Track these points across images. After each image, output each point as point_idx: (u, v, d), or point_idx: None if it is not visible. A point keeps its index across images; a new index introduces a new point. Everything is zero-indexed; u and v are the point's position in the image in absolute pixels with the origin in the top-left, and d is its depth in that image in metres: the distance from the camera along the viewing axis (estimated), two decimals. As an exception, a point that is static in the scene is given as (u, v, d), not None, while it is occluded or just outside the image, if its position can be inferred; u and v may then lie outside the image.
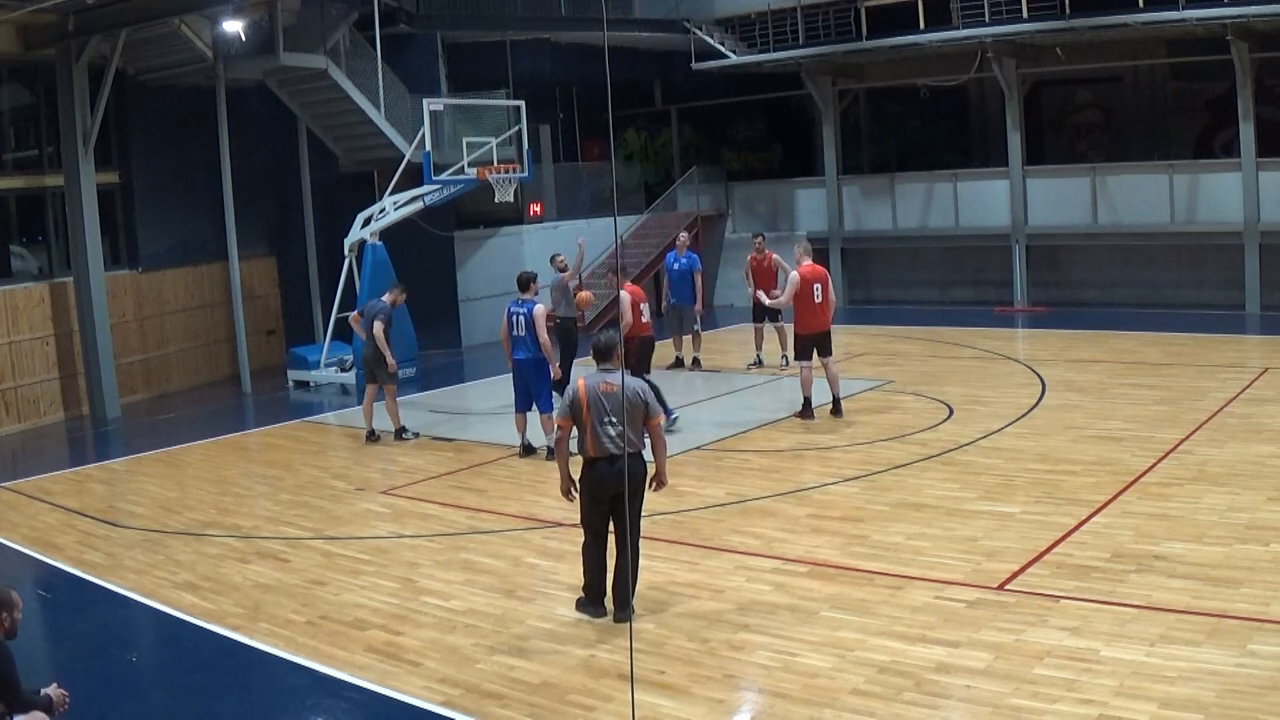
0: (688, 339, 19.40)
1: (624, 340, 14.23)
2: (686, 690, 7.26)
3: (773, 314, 18.04)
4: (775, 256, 18.52)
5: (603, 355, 8.66)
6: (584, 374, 8.66)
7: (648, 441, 8.56)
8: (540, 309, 13.62)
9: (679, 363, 19.37)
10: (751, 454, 13.54)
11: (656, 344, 15.64)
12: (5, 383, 18.52)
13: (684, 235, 20.01)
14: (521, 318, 13.54)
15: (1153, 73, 26.08)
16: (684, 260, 18.98)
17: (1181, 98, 26.09)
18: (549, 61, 26.11)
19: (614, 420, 8.30)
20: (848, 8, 24.76)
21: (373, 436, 15.48)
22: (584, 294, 16.62)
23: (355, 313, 16.17)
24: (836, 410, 14.86)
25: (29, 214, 20.16)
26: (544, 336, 13.52)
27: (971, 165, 27.14)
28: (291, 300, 24.27)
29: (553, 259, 16.80)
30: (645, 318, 14.90)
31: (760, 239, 19.24)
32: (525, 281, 13.88)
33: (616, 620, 8.39)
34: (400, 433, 15.46)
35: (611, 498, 8.33)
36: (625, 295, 14.57)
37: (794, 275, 14.77)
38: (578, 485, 8.60)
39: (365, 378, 15.75)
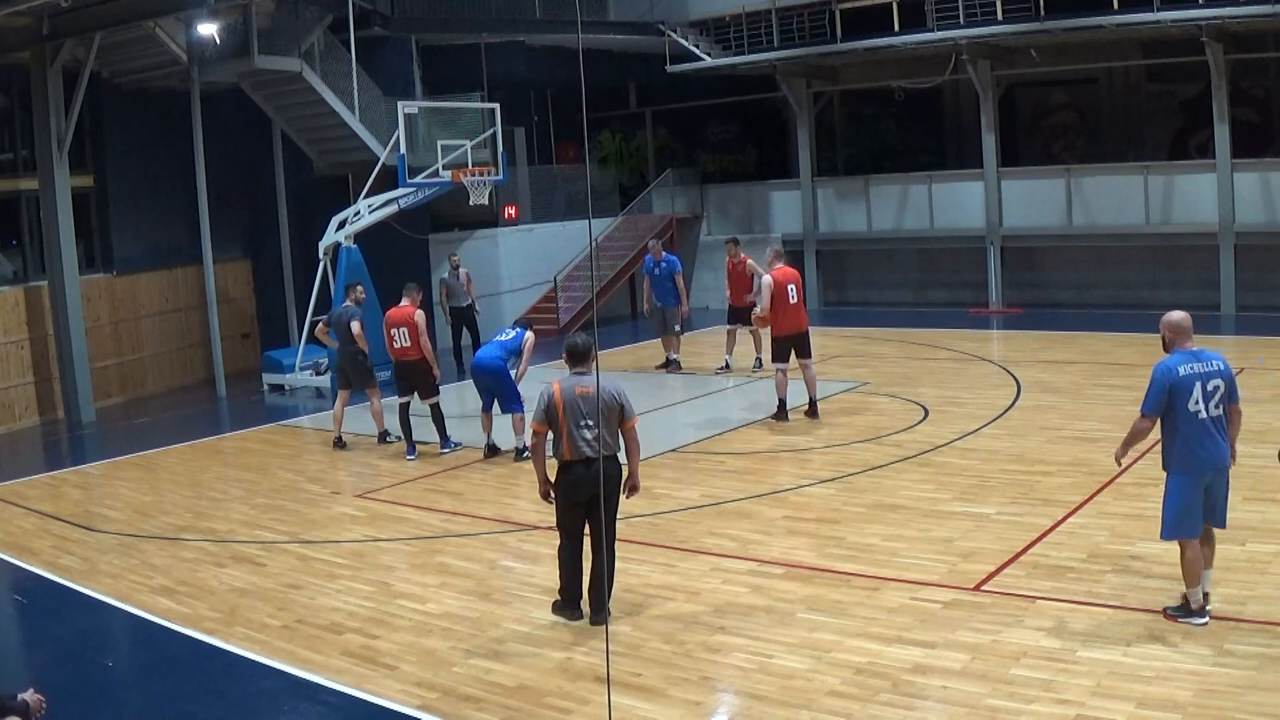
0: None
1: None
2: (663, 692, 7.26)
3: (746, 318, 18.09)
4: (750, 261, 18.51)
5: (577, 358, 8.65)
6: (558, 377, 8.65)
7: (621, 444, 8.56)
8: (530, 336, 13.94)
9: (673, 363, 19.47)
10: (727, 456, 13.55)
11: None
12: (-20, 387, 18.43)
13: (654, 242, 20.04)
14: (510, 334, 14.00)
15: (1128, 74, 26.16)
16: (664, 265, 19.05)
17: (1156, 99, 26.17)
18: (523, 64, 26.10)
19: (590, 423, 8.29)
20: (822, 10, 24.79)
21: (340, 444, 15.40)
22: None
23: (321, 322, 16.12)
24: (812, 412, 14.87)
25: (3, 218, 20.00)
26: (524, 367, 13.98)
27: (946, 167, 27.21)
28: (266, 303, 24.20)
29: (449, 257, 19.87)
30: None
31: (732, 244, 19.27)
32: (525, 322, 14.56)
33: (592, 623, 8.37)
34: (383, 436, 15.39)
35: (587, 500, 8.32)
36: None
37: (766, 279, 14.75)
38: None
39: (340, 383, 15.68)
